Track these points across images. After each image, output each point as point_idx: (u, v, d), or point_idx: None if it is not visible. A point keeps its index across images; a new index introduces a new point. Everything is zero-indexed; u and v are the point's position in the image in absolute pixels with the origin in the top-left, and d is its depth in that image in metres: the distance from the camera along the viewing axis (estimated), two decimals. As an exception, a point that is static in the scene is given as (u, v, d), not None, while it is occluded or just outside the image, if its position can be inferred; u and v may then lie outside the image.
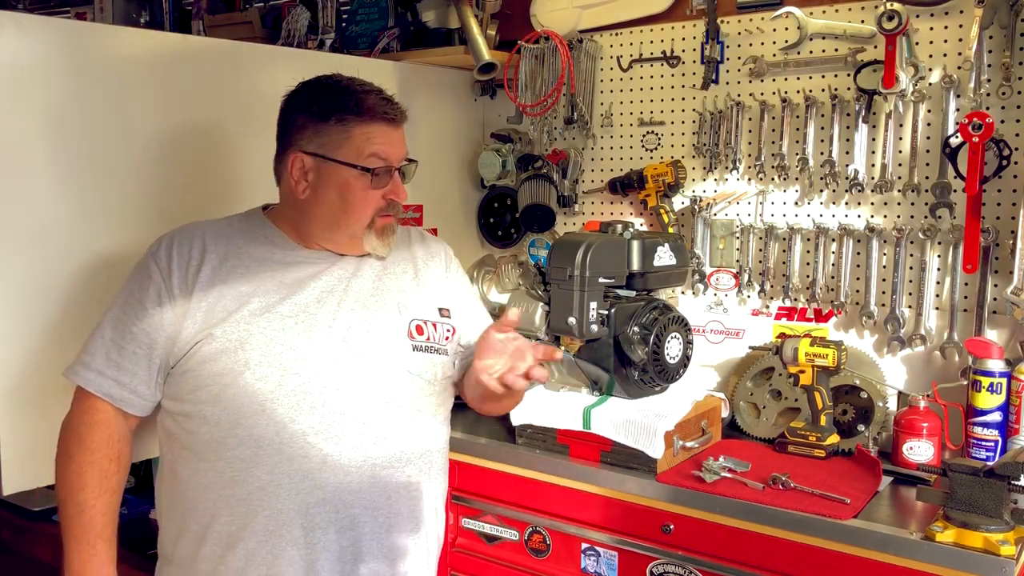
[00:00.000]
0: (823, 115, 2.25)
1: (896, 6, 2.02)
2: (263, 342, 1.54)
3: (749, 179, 2.38)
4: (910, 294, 2.16)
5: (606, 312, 2.06)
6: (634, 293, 2.15)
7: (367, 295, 1.66)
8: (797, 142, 2.28)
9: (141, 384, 1.57)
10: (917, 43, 2.11)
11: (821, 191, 2.27)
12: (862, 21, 2.18)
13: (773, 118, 2.32)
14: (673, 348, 2.11)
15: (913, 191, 2.12)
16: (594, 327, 2.04)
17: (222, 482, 1.54)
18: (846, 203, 2.25)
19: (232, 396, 1.53)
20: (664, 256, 2.15)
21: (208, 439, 1.54)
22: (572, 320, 2.02)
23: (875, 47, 2.15)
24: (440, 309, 1.77)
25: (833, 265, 2.26)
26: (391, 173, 1.65)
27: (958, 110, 2.05)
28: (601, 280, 2.04)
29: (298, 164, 1.62)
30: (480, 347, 1.55)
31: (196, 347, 1.54)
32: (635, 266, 2.11)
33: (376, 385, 1.61)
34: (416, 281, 1.76)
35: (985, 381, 1.91)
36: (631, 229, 2.15)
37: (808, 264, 2.29)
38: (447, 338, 1.75)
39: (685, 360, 2.16)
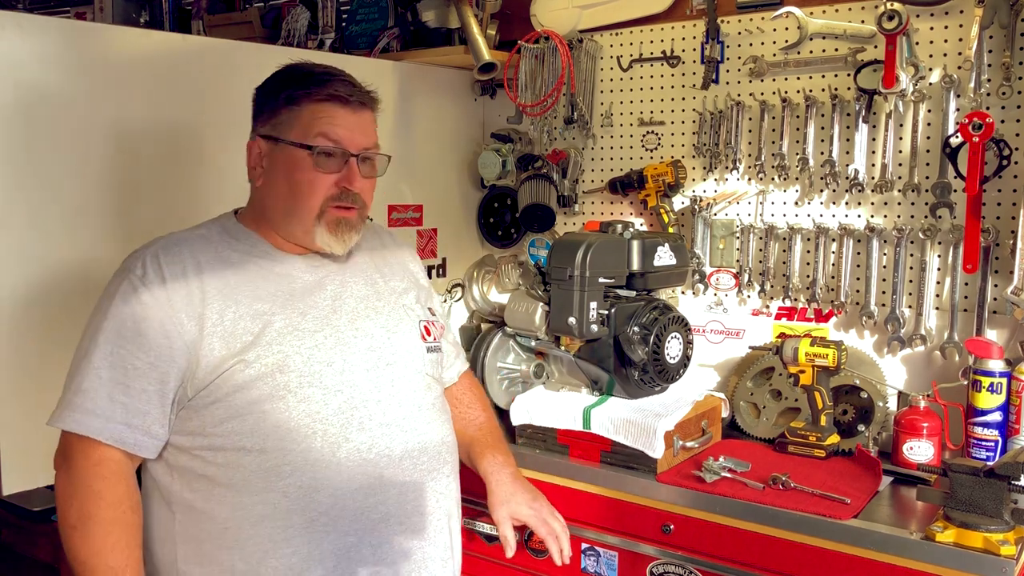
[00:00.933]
0: (823, 115, 2.24)
1: (896, 6, 2.02)
2: (300, 362, 1.46)
3: (749, 179, 2.38)
4: (910, 294, 2.16)
5: (606, 312, 2.05)
6: (634, 293, 2.15)
7: (372, 299, 1.62)
8: (797, 142, 2.28)
9: (155, 424, 1.43)
10: (917, 43, 2.11)
11: (821, 191, 2.27)
12: (862, 21, 2.18)
13: (773, 118, 2.32)
14: (673, 348, 2.11)
15: (913, 191, 2.12)
16: (594, 327, 2.04)
17: (277, 513, 1.43)
18: (846, 203, 2.25)
19: (276, 423, 1.43)
20: (664, 256, 2.15)
21: (254, 471, 1.43)
22: (572, 320, 2.02)
23: (875, 47, 2.15)
24: (429, 308, 1.75)
25: (833, 265, 2.26)
26: (346, 159, 1.52)
27: (958, 110, 2.05)
28: (601, 280, 2.04)
29: (255, 150, 1.54)
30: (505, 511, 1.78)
31: (224, 375, 1.42)
32: (635, 266, 2.11)
33: (408, 391, 1.59)
34: (406, 282, 1.74)
35: (985, 381, 1.91)
36: (631, 229, 2.15)
37: (808, 264, 2.29)
38: (441, 335, 1.75)
39: (685, 360, 2.16)
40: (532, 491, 1.80)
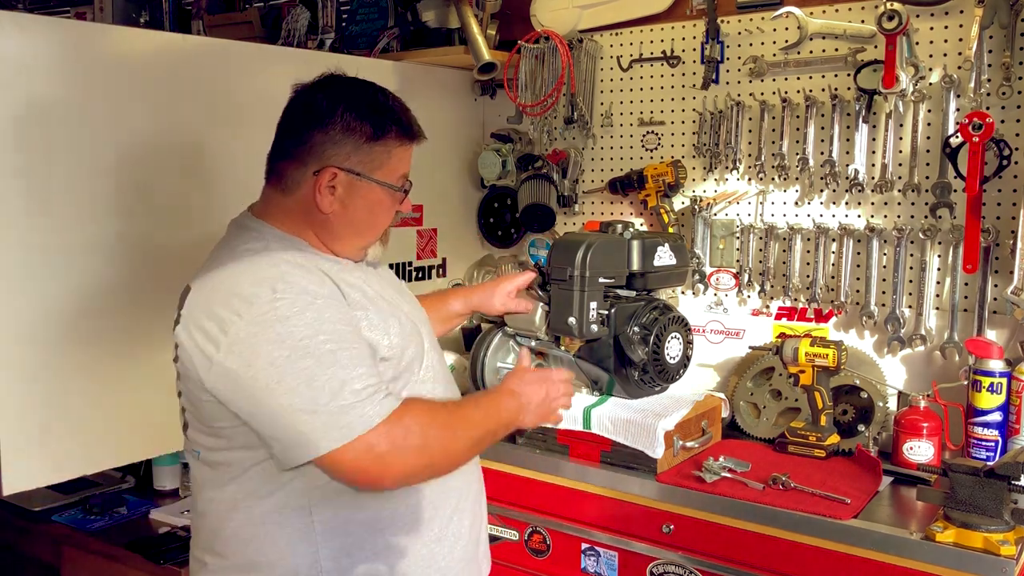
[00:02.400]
0: (823, 115, 2.25)
1: (896, 6, 2.02)
2: (421, 354, 1.57)
3: (749, 179, 2.38)
4: (910, 294, 2.16)
5: (606, 312, 2.05)
6: (634, 293, 2.15)
7: (393, 291, 1.67)
8: (797, 142, 2.28)
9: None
10: (917, 43, 2.11)
11: (821, 191, 2.27)
12: (862, 21, 2.18)
13: (773, 118, 2.32)
14: (673, 348, 2.11)
15: (913, 191, 2.12)
16: (594, 327, 2.03)
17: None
18: (846, 203, 2.25)
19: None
20: (664, 256, 2.15)
21: None
22: (572, 320, 2.02)
23: (875, 47, 2.15)
24: None
25: (833, 265, 2.26)
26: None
27: (958, 110, 2.05)
28: (601, 280, 2.04)
29: (328, 178, 1.50)
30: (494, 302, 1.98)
31: (388, 362, 1.49)
32: (635, 266, 2.11)
33: (444, 364, 1.69)
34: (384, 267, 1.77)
35: (985, 381, 1.91)
36: (631, 229, 2.15)
37: (808, 264, 2.29)
38: None
39: (685, 360, 2.16)
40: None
